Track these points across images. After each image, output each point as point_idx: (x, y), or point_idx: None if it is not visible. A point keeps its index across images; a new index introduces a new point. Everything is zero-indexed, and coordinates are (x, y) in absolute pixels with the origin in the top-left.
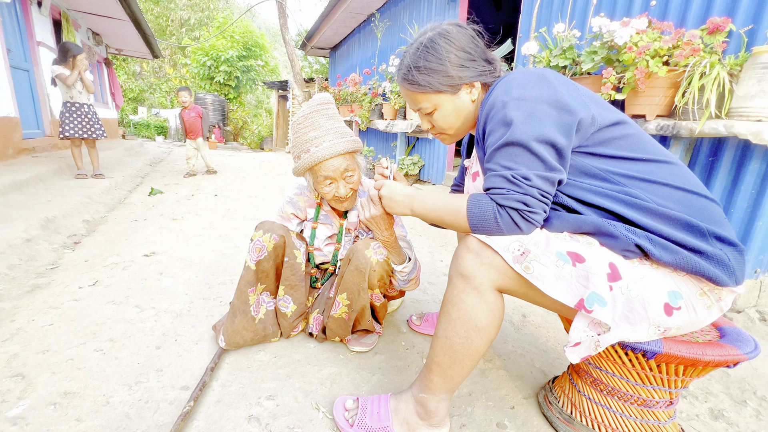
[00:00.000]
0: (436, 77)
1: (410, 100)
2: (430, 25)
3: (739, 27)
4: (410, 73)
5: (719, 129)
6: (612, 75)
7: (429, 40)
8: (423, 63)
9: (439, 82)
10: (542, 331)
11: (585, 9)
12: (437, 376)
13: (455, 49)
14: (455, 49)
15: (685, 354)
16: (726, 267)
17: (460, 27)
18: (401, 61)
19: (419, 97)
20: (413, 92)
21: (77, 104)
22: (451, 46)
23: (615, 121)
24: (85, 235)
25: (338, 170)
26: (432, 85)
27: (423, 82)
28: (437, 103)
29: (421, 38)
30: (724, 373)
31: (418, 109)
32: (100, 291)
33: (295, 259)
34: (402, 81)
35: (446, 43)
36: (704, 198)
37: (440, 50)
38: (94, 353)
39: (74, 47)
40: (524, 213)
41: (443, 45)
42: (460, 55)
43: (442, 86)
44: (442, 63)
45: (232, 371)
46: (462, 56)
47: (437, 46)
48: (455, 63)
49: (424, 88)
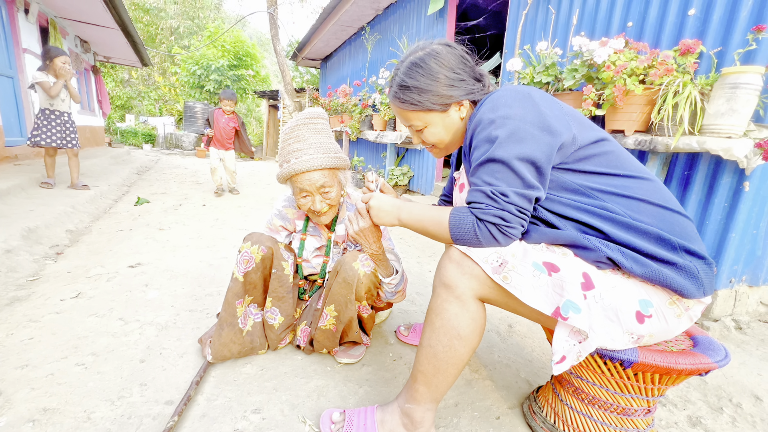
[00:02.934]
0: (426, 96)
1: (401, 117)
2: (420, 43)
3: (709, 49)
4: (401, 91)
5: (693, 145)
6: (592, 92)
7: (419, 60)
8: (413, 82)
9: (429, 101)
10: (528, 341)
11: (566, 28)
12: (422, 385)
13: (445, 69)
14: (445, 70)
15: (659, 363)
16: (695, 278)
17: (450, 47)
18: (392, 79)
19: (410, 115)
20: (404, 110)
21: (57, 112)
22: (440, 66)
23: (596, 139)
24: (68, 246)
25: (314, 185)
26: (422, 103)
27: (413, 101)
28: (427, 121)
29: (411, 57)
30: (701, 380)
31: (409, 126)
32: (82, 303)
33: (282, 270)
34: (393, 99)
35: (436, 64)
36: (677, 213)
37: (430, 70)
38: (75, 368)
39: (54, 50)
40: (502, 227)
41: (433, 65)
42: (449, 75)
43: (433, 105)
44: (432, 83)
45: (217, 385)
46: (451, 76)
47: (427, 67)
48: (445, 83)
49: (414, 106)
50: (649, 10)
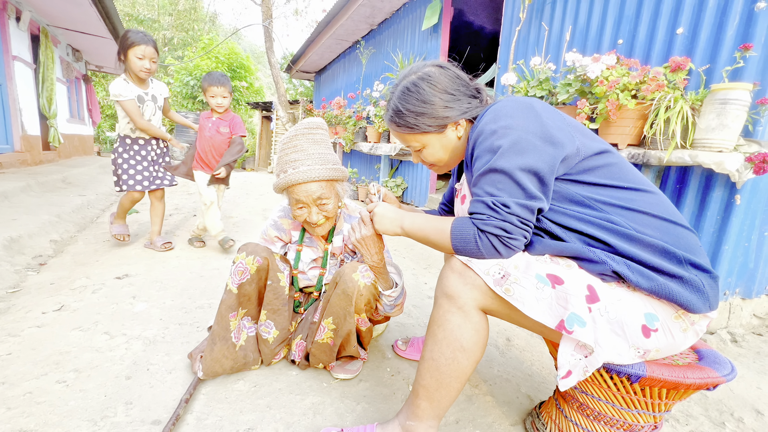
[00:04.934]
0: (421, 119)
1: (399, 138)
2: (414, 66)
3: (697, 66)
4: (396, 115)
5: (685, 158)
6: (586, 106)
7: (412, 84)
8: (408, 106)
9: (425, 124)
10: (527, 354)
11: (559, 44)
12: (424, 400)
13: (439, 91)
14: (439, 92)
15: (667, 377)
16: (701, 293)
17: (442, 68)
18: (387, 103)
19: (407, 137)
20: (401, 133)
21: (142, 141)
22: (434, 89)
23: (599, 151)
24: (52, 256)
25: (311, 196)
26: (419, 126)
27: (409, 124)
28: (425, 142)
29: (405, 82)
30: (702, 395)
31: (408, 146)
32: (65, 316)
33: (278, 282)
34: (389, 122)
35: (429, 87)
36: (681, 226)
37: (424, 94)
38: (56, 385)
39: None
40: (503, 239)
41: (426, 89)
42: (444, 98)
43: (429, 127)
44: (426, 106)
45: (208, 403)
46: (446, 98)
47: (421, 90)
48: (439, 105)
49: (411, 129)
50: (639, 28)
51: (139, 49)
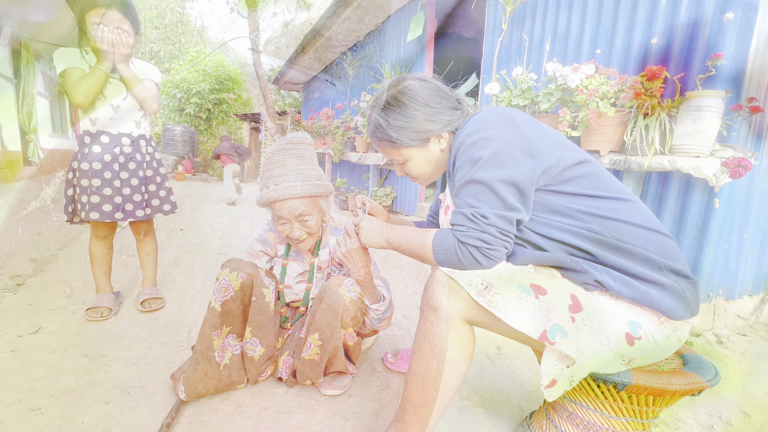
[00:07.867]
0: (403, 134)
1: (382, 152)
2: (394, 79)
3: (672, 74)
4: (378, 130)
5: (664, 164)
6: (567, 114)
7: (392, 99)
8: (389, 120)
9: (407, 138)
10: (517, 363)
11: (540, 54)
12: (412, 416)
13: (419, 105)
14: (419, 106)
15: (653, 384)
16: (681, 298)
17: (423, 81)
18: (369, 117)
19: (390, 151)
20: (383, 147)
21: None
22: (414, 103)
23: (578, 161)
24: (31, 276)
25: (292, 213)
26: (401, 140)
27: (391, 138)
28: (407, 156)
29: (385, 96)
30: (690, 399)
31: (391, 159)
32: (42, 339)
33: (263, 298)
34: (371, 137)
35: (410, 101)
36: (660, 234)
37: (404, 109)
38: (29, 413)
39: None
40: (483, 250)
41: (407, 103)
42: (425, 111)
43: (411, 141)
44: (407, 121)
45: (190, 425)
46: (427, 112)
47: (401, 105)
48: (421, 119)
49: (392, 144)
50: (616, 38)
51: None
